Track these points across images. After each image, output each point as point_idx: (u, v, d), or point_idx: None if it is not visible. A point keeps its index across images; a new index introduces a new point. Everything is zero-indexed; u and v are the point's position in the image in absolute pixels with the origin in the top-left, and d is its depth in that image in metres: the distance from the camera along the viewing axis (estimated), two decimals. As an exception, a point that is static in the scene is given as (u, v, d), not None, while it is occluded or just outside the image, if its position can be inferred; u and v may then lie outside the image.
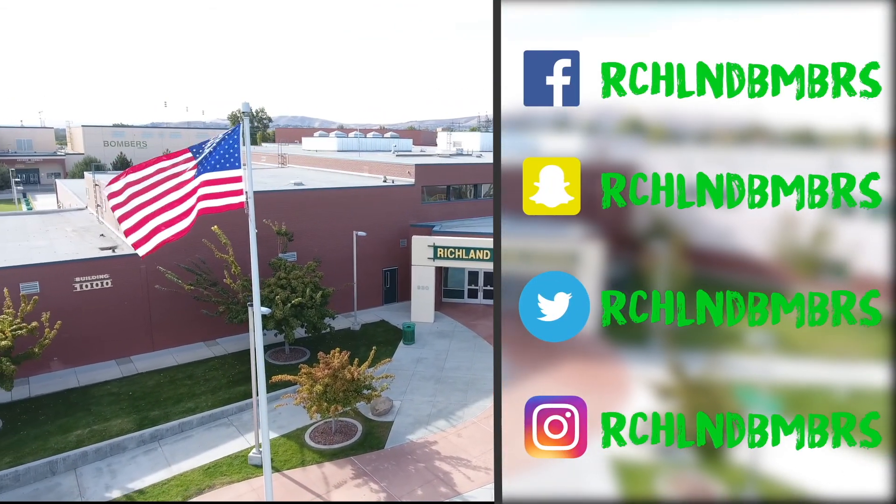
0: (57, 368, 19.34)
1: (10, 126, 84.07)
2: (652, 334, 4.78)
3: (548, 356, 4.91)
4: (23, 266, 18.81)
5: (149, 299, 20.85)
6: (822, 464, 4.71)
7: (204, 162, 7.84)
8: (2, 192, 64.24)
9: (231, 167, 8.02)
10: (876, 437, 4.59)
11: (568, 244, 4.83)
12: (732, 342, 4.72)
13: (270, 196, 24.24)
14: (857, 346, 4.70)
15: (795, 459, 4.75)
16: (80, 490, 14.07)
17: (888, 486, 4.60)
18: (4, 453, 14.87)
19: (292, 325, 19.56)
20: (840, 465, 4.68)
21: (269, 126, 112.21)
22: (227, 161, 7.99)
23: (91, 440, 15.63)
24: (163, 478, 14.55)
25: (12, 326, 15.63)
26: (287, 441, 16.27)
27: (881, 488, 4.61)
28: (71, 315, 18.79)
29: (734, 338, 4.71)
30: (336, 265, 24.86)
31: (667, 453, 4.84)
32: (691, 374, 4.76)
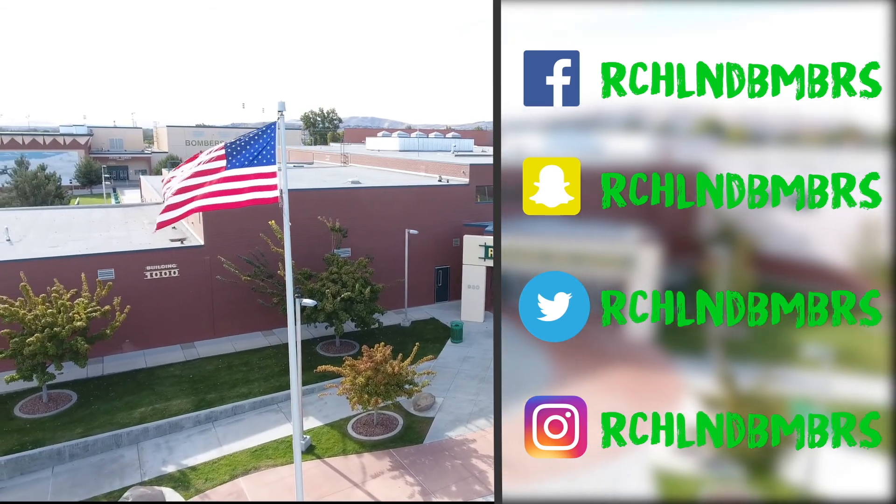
0: (128, 350, 20.86)
1: (105, 126, 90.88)
2: (705, 343, 4.73)
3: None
4: (101, 254, 20.43)
5: (212, 289, 22.11)
6: (822, 464, 4.70)
7: (239, 157, 8.31)
8: (95, 187, 69.64)
9: (266, 163, 8.45)
10: (876, 437, 4.60)
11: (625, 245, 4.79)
12: (789, 355, 4.68)
13: (326, 193, 25.08)
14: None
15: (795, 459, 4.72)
16: (140, 463, 15.16)
17: (888, 486, 4.59)
18: (77, 425, 16.23)
19: (342, 318, 20.19)
20: (840, 465, 4.65)
21: (339, 127, 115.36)
22: (263, 157, 8.43)
23: (153, 418, 16.79)
24: (213, 457, 15.44)
25: (88, 309, 17.02)
26: (331, 430, 16.83)
27: (881, 488, 4.59)
28: (142, 301, 20.24)
29: (791, 351, 4.67)
30: (389, 262, 25.39)
31: (705, 462, 4.81)
32: (742, 387, 4.72)
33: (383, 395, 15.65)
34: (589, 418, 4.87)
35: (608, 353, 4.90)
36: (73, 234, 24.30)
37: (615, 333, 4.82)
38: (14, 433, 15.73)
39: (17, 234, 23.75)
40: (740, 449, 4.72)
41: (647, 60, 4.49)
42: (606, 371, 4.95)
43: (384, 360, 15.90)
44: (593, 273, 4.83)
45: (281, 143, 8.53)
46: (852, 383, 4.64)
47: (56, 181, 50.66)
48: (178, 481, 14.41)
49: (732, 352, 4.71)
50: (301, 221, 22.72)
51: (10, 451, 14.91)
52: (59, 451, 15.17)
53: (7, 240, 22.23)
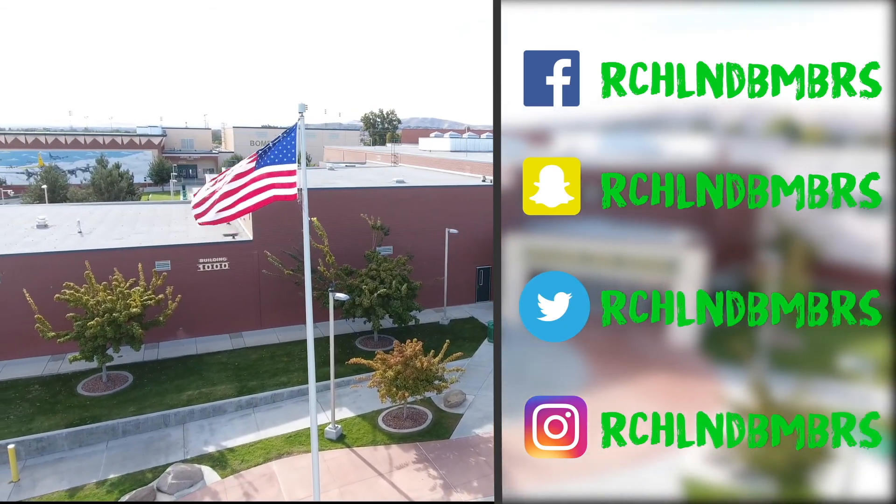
0: (182, 337, 22.20)
1: (177, 127, 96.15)
2: (749, 351, 4.67)
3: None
4: (158, 246, 21.88)
5: (259, 282, 23.20)
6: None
7: (264, 158, 8.87)
8: (166, 185, 73.91)
9: (288, 161, 8.97)
10: (876, 437, 4.57)
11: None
12: (826, 367, 4.64)
13: (369, 192, 25.78)
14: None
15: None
16: (184, 442, 16.19)
17: (888, 486, 4.56)
18: (131, 403, 17.49)
19: (378, 314, 20.75)
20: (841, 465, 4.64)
21: (398, 127, 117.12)
22: (285, 156, 8.96)
23: (199, 401, 17.86)
24: (251, 440, 16.30)
25: (143, 297, 18.30)
26: (362, 421, 17.39)
27: (881, 488, 4.57)
28: (194, 291, 21.52)
29: (828, 363, 4.63)
30: (430, 261, 25.81)
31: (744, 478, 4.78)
32: (777, 397, 4.68)
33: (412, 389, 16.04)
34: (589, 418, 4.83)
35: (647, 357, 4.85)
36: (137, 228, 26.05)
37: (655, 337, 4.75)
38: (76, 409, 17.13)
39: (88, 226, 25.70)
40: (766, 457, 4.68)
41: (646, 60, 4.49)
42: (643, 375, 4.90)
43: (414, 355, 16.29)
44: (633, 275, 4.78)
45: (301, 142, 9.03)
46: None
47: (129, 179, 54.12)
48: (217, 461, 15.31)
49: (779, 360, 4.66)
50: (344, 219, 23.51)
51: (72, 424, 16.28)
52: (114, 427, 16.42)
53: (79, 231, 24.13)
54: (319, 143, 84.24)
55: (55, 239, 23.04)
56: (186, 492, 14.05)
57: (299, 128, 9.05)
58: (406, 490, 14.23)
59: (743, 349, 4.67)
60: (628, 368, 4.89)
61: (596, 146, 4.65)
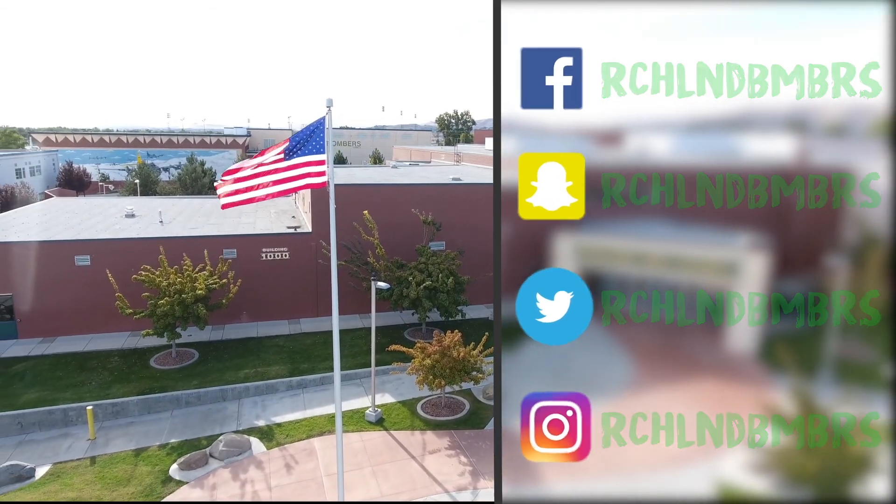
0: (245, 321, 23.83)
1: (260, 128, 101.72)
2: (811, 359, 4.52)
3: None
4: (226, 235, 23.62)
5: (316, 272, 24.48)
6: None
7: (294, 149, 9.65)
8: (248, 182, 78.52)
9: (317, 152, 9.72)
10: (876, 437, 4.48)
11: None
12: (871, 377, 4.53)
13: (423, 189, 26.50)
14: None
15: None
16: (238, 415, 17.51)
17: (888, 486, 4.51)
18: (195, 378, 19.08)
19: (425, 306, 21.39)
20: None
21: (472, 128, 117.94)
22: (314, 147, 9.70)
23: (254, 379, 19.22)
24: (297, 417, 17.38)
25: (208, 281, 19.89)
26: (402, 407, 18.08)
27: (881, 488, 4.52)
28: (257, 279, 23.05)
29: (873, 372, 4.52)
30: (483, 257, 26.12)
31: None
32: (817, 405, 4.51)
33: (448, 378, 16.53)
34: (592, 418, 4.57)
35: (700, 362, 4.64)
36: (211, 220, 28.13)
37: (708, 340, 4.56)
38: (147, 379, 18.91)
39: (168, 217, 28.05)
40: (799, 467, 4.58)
41: (646, 60, 4.41)
42: (695, 380, 4.66)
43: (452, 345, 16.77)
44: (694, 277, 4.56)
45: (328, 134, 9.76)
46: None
47: (211, 175, 58.00)
48: (265, 434, 16.47)
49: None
50: (397, 214, 24.35)
51: (142, 392, 18.01)
52: (178, 397, 18.02)
53: (160, 221, 26.42)
54: (392, 143, 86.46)
55: (139, 227, 25.37)
56: (235, 459, 15.25)
57: (327, 121, 9.77)
58: (435, 474, 14.74)
59: (800, 357, 4.52)
60: (679, 371, 4.62)
61: (671, 147, 4.37)
